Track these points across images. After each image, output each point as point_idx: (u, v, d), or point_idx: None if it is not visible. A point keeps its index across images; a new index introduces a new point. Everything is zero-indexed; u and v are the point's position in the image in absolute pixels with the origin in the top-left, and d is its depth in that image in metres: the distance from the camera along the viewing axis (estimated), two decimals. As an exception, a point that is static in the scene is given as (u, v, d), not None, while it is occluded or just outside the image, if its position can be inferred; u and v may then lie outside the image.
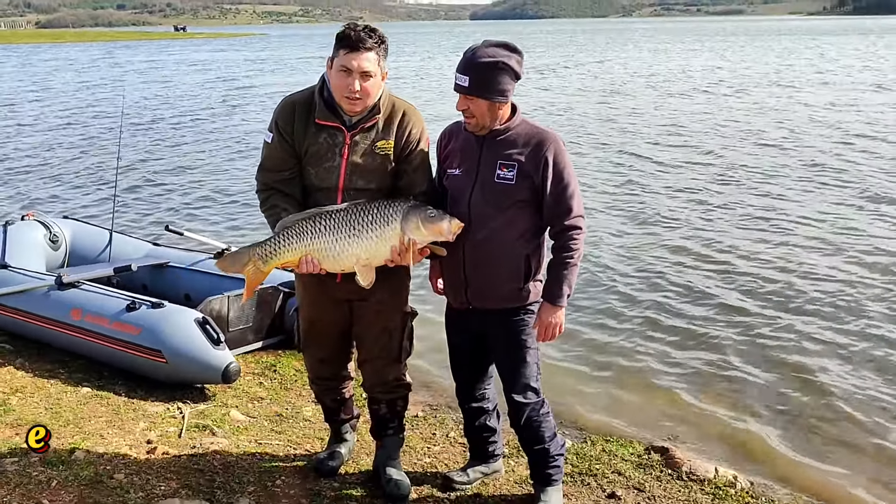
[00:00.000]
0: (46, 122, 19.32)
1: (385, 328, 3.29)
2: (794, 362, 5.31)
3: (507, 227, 3.05)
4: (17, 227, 5.92)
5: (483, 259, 3.08)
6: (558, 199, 3.02)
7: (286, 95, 3.20)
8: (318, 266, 2.98)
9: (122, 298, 4.77)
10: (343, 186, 3.07)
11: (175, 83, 30.49)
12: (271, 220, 3.12)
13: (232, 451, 3.78)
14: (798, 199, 9.77)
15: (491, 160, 3.05)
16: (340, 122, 3.04)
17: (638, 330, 5.93)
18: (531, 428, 3.25)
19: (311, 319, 3.35)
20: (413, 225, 2.91)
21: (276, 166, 3.13)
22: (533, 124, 3.12)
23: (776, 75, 28.46)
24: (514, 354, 3.20)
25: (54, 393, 4.41)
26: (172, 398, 4.44)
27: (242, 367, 4.94)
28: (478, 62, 2.97)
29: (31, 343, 5.11)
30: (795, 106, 19.07)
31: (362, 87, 2.93)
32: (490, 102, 2.99)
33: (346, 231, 2.93)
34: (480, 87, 2.96)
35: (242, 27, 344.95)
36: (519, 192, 3.02)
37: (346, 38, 2.93)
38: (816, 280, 6.86)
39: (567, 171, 3.03)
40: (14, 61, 48.22)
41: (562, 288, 3.06)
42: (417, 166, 3.14)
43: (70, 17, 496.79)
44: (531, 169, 3.00)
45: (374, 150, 3.06)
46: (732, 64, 35.65)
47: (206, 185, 11.64)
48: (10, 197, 11.21)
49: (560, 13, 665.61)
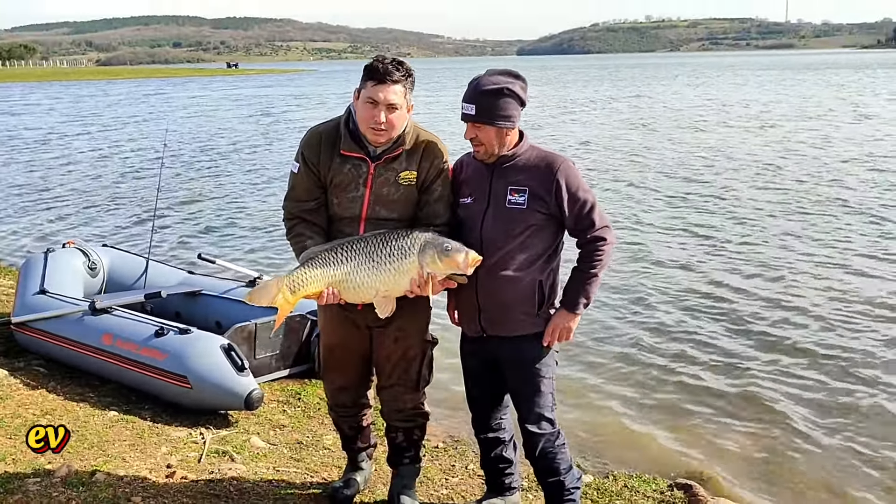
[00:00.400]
0: (92, 153, 19.98)
1: (404, 356, 3.29)
2: (825, 402, 5.16)
3: (520, 252, 3.05)
4: (57, 255, 6.09)
5: (496, 286, 3.08)
6: (579, 217, 3.05)
7: (312, 126, 3.26)
8: (339, 297, 3.01)
9: (151, 324, 4.86)
10: (366, 216, 3.11)
11: (217, 117, 31.32)
12: (296, 249, 3.16)
13: (249, 477, 3.80)
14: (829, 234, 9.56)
15: (501, 186, 3.07)
16: (365, 153, 3.08)
17: (663, 364, 5.83)
18: (546, 459, 3.21)
19: (332, 346, 3.37)
20: (429, 258, 2.92)
21: (302, 196, 3.17)
22: (541, 149, 3.15)
23: (816, 109, 27.97)
24: (529, 384, 3.17)
25: (82, 416, 4.49)
26: (196, 423, 4.49)
27: (268, 394, 4.98)
28: (483, 90, 3.01)
29: (64, 367, 5.22)
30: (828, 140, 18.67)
31: (388, 118, 2.98)
32: (497, 129, 3.02)
33: (365, 264, 2.95)
34: (486, 113, 3.00)
35: (293, 63, 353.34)
36: (531, 216, 3.04)
37: (373, 70, 2.98)
38: (850, 314, 6.68)
39: (581, 189, 3.06)
40: (72, 96, 50.03)
41: (580, 296, 3.09)
42: (439, 197, 3.16)
43: (129, 54, 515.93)
44: (543, 192, 3.03)
45: (398, 181, 3.09)
46: (772, 97, 35.17)
47: (242, 215, 11.85)
48: (53, 223, 11.60)
49: (607, 48, 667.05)
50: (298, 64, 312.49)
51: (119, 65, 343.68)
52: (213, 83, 70.43)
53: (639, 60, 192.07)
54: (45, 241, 10.04)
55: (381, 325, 3.20)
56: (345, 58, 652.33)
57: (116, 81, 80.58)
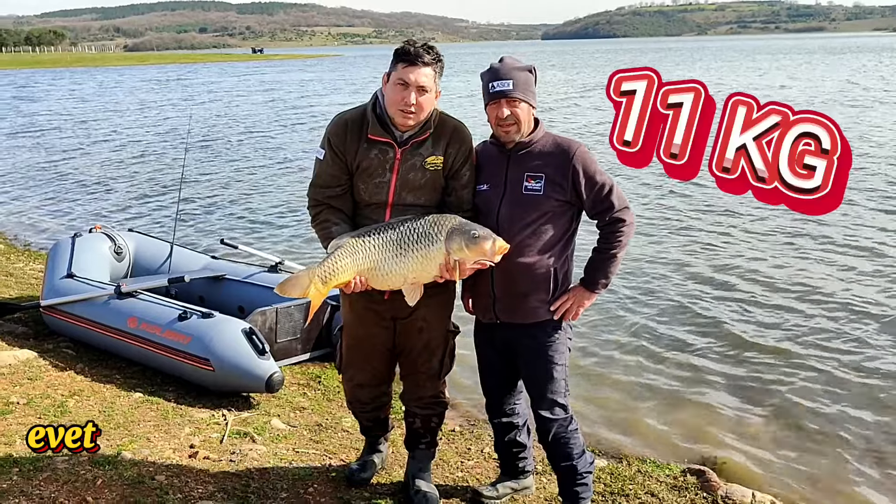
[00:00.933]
0: (117, 139, 20.26)
1: (427, 345, 3.32)
2: (838, 390, 5.15)
3: (535, 239, 3.09)
4: (84, 239, 6.23)
5: (511, 273, 3.11)
6: (597, 200, 3.08)
7: (339, 112, 3.26)
8: (367, 284, 3.00)
9: (174, 308, 4.97)
10: (392, 202, 3.11)
11: (241, 102, 31.51)
12: (322, 235, 3.17)
13: (269, 458, 3.89)
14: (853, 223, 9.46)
15: (517, 173, 3.10)
16: (392, 138, 3.08)
17: (679, 351, 5.85)
18: (558, 444, 3.25)
19: (358, 338, 3.36)
20: (457, 245, 2.90)
21: (328, 182, 3.17)
22: (555, 135, 3.18)
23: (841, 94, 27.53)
24: (542, 370, 3.21)
25: (109, 397, 4.62)
26: (218, 405, 4.59)
27: (288, 377, 5.08)
28: (516, 66, 3.05)
29: (92, 349, 5.36)
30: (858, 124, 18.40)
31: (417, 101, 2.98)
32: (530, 106, 3.07)
33: (393, 250, 2.94)
34: (522, 89, 3.03)
35: (318, 48, 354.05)
36: (547, 203, 3.07)
37: (405, 52, 3.00)
38: (868, 306, 6.63)
39: (598, 173, 3.08)
40: (98, 81, 50.56)
41: (599, 275, 3.14)
42: (466, 184, 3.17)
43: (155, 40, 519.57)
44: (560, 178, 3.06)
45: (425, 166, 3.10)
46: (801, 82, 34.68)
47: (264, 201, 11.97)
48: (81, 208, 11.82)
49: (633, 32, 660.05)
50: (323, 49, 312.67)
51: (146, 50, 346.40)
52: (237, 68, 70.77)
53: (666, 44, 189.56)
54: (72, 225, 10.24)
55: (406, 317, 3.22)
56: (369, 42, 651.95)
57: (144, 66, 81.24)
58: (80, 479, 3.51)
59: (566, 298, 3.15)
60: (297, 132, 21.00)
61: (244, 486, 3.58)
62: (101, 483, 3.49)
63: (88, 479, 3.52)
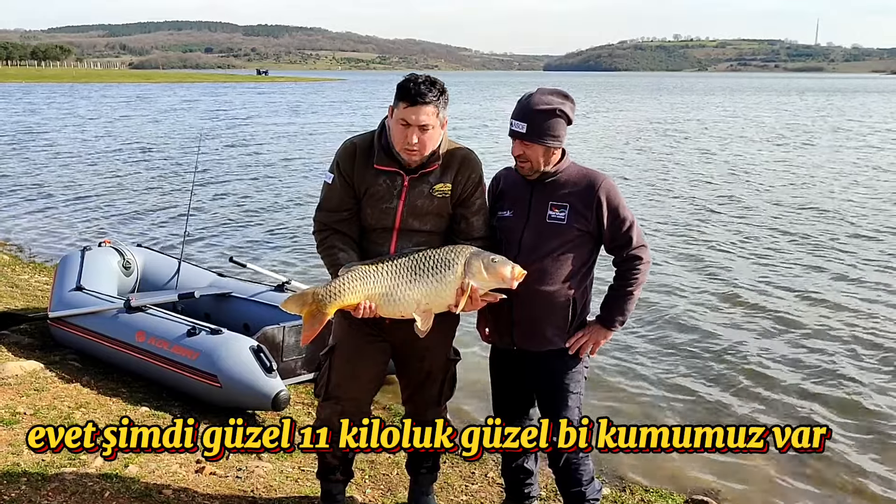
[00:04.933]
0: (125, 155, 20.29)
1: (429, 374, 3.31)
2: (845, 420, 5.18)
3: (556, 268, 3.11)
4: (93, 253, 6.27)
5: (530, 299, 3.13)
6: (617, 235, 3.12)
7: (348, 138, 3.26)
8: (375, 311, 2.93)
9: (183, 324, 5.01)
10: (399, 227, 3.10)
11: (250, 123, 31.71)
12: (328, 262, 3.13)
13: (275, 475, 3.91)
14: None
15: (542, 202, 3.14)
16: (399, 167, 3.07)
17: (682, 378, 5.88)
18: (569, 471, 3.27)
19: (351, 358, 3.22)
20: (476, 269, 2.87)
21: (336, 206, 3.14)
22: (582, 166, 3.22)
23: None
24: (556, 398, 3.22)
25: (115, 410, 4.64)
26: (224, 422, 4.60)
27: (293, 396, 5.10)
28: (535, 109, 3.06)
29: (98, 362, 5.38)
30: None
31: (420, 139, 2.95)
32: (545, 148, 3.09)
33: (407, 275, 2.88)
34: (537, 133, 3.06)
35: (322, 72, 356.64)
36: (569, 232, 3.11)
37: (405, 91, 2.94)
38: (876, 331, 6.69)
39: (622, 207, 3.13)
40: (106, 97, 50.82)
41: (615, 313, 3.19)
42: (476, 211, 3.16)
43: (161, 58, 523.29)
44: (583, 209, 3.10)
45: (433, 193, 3.08)
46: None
47: (272, 221, 12.03)
48: (89, 222, 11.87)
49: (634, 66, 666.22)
50: (327, 73, 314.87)
51: (151, 68, 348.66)
52: (246, 90, 71.21)
53: (660, 80, 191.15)
54: (80, 239, 10.28)
55: (406, 345, 3.17)
56: (373, 68, 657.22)
57: (148, 84, 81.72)
58: (88, 490, 3.53)
59: (583, 334, 3.18)
60: (307, 154, 21.11)
61: (250, 502, 3.60)
62: (109, 495, 3.51)
63: (96, 490, 3.54)
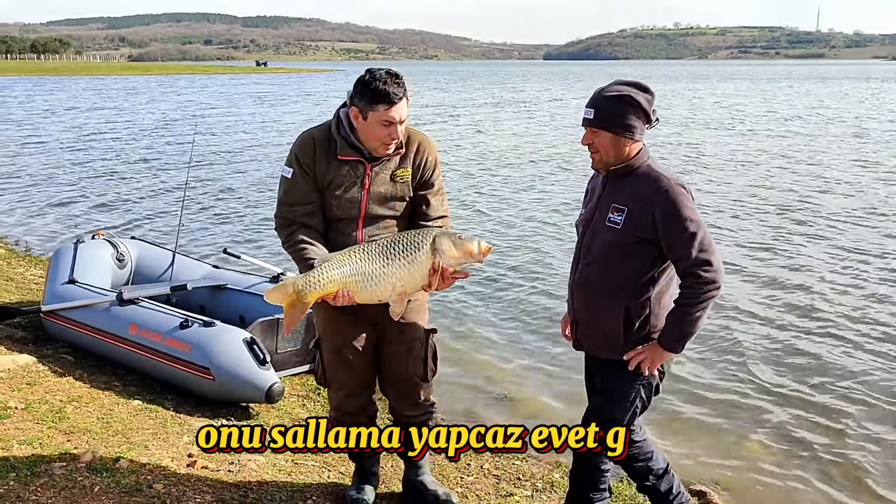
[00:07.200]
0: (121, 145, 20.25)
1: (410, 347, 3.33)
2: (841, 415, 5.13)
3: (609, 273, 2.95)
4: (87, 246, 6.21)
5: (584, 303, 3.06)
6: (672, 245, 2.83)
7: (304, 131, 3.25)
8: (352, 298, 2.98)
9: (176, 316, 4.96)
10: (364, 215, 3.17)
11: (245, 114, 31.61)
12: (297, 257, 3.14)
13: (268, 468, 3.86)
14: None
15: (606, 202, 2.97)
16: (361, 156, 3.13)
17: (677, 373, 5.81)
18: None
19: (338, 346, 3.30)
20: (444, 248, 2.94)
21: (299, 200, 3.16)
22: (654, 169, 2.94)
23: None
24: (603, 408, 3.10)
25: (108, 404, 4.59)
26: (217, 415, 4.57)
27: (288, 388, 5.06)
28: (604, 95, 2.93)
29: (91, 355, 5.34)
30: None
31: (398, 132, 3.06)
32: (614, 136, 2.90)
33: (380, 260, 2.95)
34: (604, 119, 2.90)
35: (321, 63, 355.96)
36: (624, 238, 2.89)
37: (382, 94, 2.98)
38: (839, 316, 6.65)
39: (682, 216, 2.80)
40: (102, 90, 50.72)
41: (671, 332, 2.91)
42: (437, 192, 3.26)
43: (160, 51, 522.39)
44: (640, 214, 2.86)
45: (395, 179, 3.17)
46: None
47: (268, 212, 11.98)
48: (84, 215, 11.82)
49: (634, 55, 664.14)
50: (326, 64, 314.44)
51: (150, 60, 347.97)
52: (244, 81, 71.01)
53: (661, 68, 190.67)
54: (74, 232, 10.22)
55: (383, 322, 3.21)
56: (372, 59, 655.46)
57: (146, 76, 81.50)
58: (78, 485, 3.48)
59: (641, 351, 2.95)
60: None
61: (242, 496, 3.55)
62: (98, 490, 3.46)
63: (86, 485, 3.49)
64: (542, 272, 8.43)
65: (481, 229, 10.41)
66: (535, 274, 8.39)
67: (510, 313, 7.19)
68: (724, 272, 2.86)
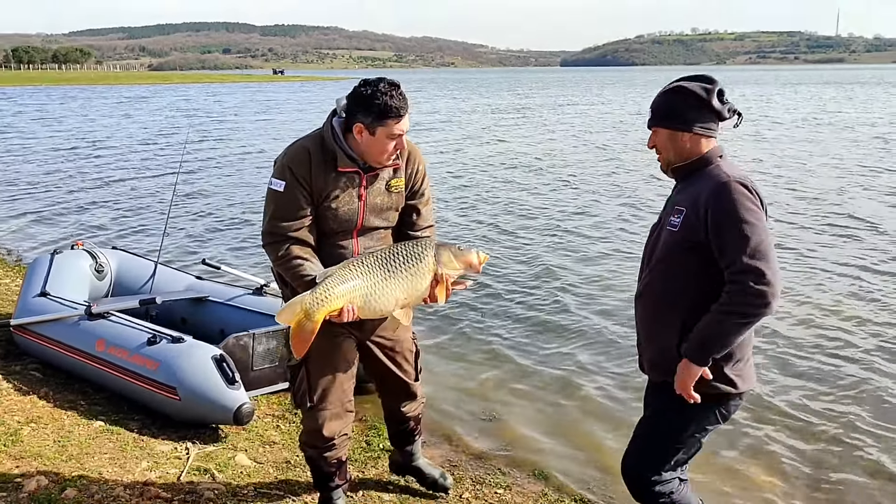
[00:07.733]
0: (110, 156, 19.93)
1: (403, 355, 3.38)
2: (841, 435, 4.77)
3: (664, 283, 2.68)
4: (64, 256, 5.97)
5: (642, 312, 2.80)
6: (722, 246, 2.50)
7: (294, 142, 3.09)
8: (356, 314, 2.89)
9: (144, 331, 4.69)
10: (361, 226, 3.10)
11: (241, 122, 31.44)
12: (293, 275, 2.98)
13: (227, 499, 3.59)
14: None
15: (672, 205, 2.73)
16: (359, 167, 3.06)
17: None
18: None
19: (330, 363, 3.17)
20: (445, 259, 2.93)
21: (293, 214, 2.99)
22: (720, 168, 2.63)
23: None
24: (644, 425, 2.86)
25: (68, 425, 4.34)
26: (184, 437, 4.30)
27: (263, 407, 4.80)
28: (660, 92, 2.75)
29: (60, 372, 5.09)
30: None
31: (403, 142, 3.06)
32: (670, 132, 2.68)
33: (383, 272, 2.89)
34: (659, 115, 2.71)
35: (338, 71, 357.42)
36: (681, 243, 2.61)
37: (391, 109, 2.90)
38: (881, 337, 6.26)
39: (733, 217, 2.48)
40: (113, 99, 50.97)
41: (693, 337, 2.56)
42: (427, 201, 3.26)
43: (180, 60, 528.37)
44: (694, 215, 2.57)
45: (390, 189, 3.13)
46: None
47: (255, 224, 11.69)
48: (71, 226, 11.41)
49: (652, 61, 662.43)
50: (343, 72, 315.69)
51: (170, 69, 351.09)
52: (261, 89, 71.18)
53: (675, 74, 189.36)
54: (63, 241, 9.99)
55: (372, 338, 3.25)
56: (389, 66, 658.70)
57: (164, 85, 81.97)
58: (16, 517, 3.23)
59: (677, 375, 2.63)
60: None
61: (196, 530, 3.28)
62: (39, 523, 3.20)
63: (24, 518, 3.23)
64: (543, 285, 8.11)
65: (476, 237, 10.12)
66: (531, 288, 8.07)
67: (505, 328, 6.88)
68: (780, 292, 2.46)
